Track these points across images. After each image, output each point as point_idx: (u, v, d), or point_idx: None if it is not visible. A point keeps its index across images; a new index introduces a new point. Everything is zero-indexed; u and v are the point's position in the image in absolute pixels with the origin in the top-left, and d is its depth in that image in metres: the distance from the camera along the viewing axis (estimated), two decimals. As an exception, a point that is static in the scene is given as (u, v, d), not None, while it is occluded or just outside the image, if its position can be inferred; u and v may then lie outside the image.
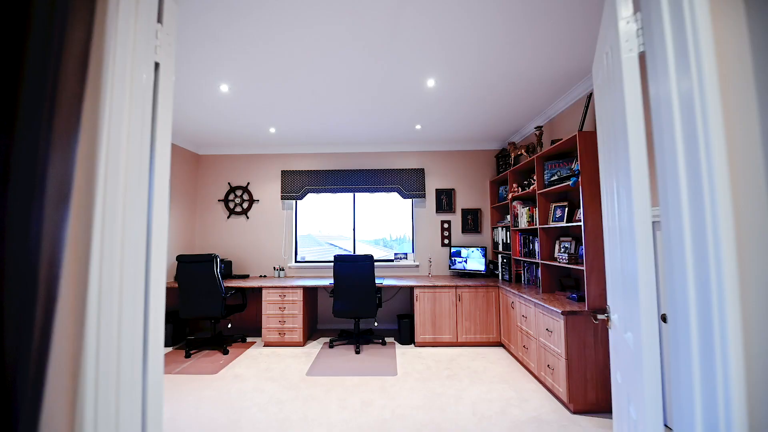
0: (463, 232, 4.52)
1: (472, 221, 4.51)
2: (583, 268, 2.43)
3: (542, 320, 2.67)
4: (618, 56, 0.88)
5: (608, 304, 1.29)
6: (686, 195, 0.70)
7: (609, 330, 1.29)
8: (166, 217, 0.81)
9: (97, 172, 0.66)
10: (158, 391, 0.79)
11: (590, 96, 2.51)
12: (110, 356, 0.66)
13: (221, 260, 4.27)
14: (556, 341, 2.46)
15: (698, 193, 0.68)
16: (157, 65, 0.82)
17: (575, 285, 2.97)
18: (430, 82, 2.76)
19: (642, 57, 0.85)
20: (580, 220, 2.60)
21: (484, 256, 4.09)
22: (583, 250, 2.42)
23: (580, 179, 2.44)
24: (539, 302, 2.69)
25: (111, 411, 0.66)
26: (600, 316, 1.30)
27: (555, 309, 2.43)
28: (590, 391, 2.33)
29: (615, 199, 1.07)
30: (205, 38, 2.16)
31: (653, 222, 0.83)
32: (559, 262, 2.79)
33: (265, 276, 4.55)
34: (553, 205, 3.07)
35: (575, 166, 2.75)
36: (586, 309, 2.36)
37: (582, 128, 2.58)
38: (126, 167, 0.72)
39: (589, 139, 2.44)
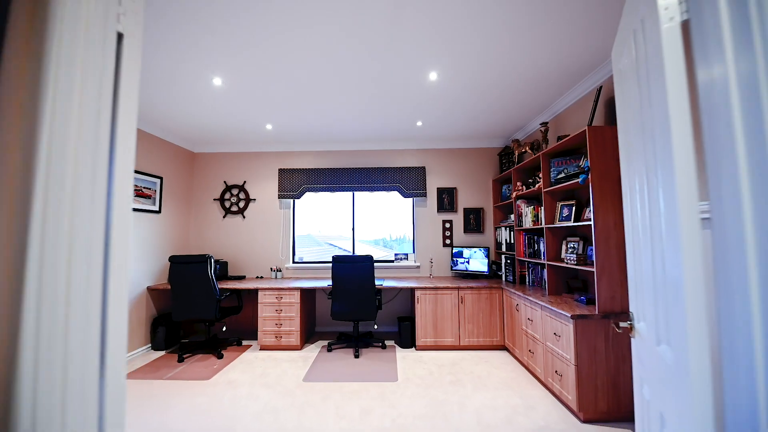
0: (465, 232, 4.40)
1: (474, 221, 4.40)
2: (593, 269, 2.32)
3: (549, 324, 2.56)
4: (655, 28, 0.76)
5: (631, 310, 1.18)
6: (748, 189, 0.58)
7: (632, 339, 1.18)
8: (129, 214, 0.69)
9: (36, 164, 0.54)
10: (119, 406, 0.67)
11: (600, 89, 2.40)
12: (54, 366, 0.55)
13: (217, 261, 4.15)
14: (565, 346, 2.34)
15: (764, 186, 0.56)
16: (120, 36, 0.70)
17: (583, 287, 2.85)
18: (433, 76, 2.64)
19: (685, 27, 0.73)
20: (589, 220, 2.49)
21: (487, 256, 3.98)
22: (593, 251, 2.30)
23: (590, 176, 2.32)
24: (546, 305, 2.58)
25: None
26: (622, 324, 1.18)
27: (564, 312, 2.31)
28: (601, 399, 2.21)
29: (645, 195, 0.95)
30: (199, 30, 2.04)
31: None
32: (567, 263, 2.67)
33: (261, 277, 4.43)
34: (560, 203, 2.96)
35: (584, 162, 2.63)
36: (597, 313, 2.24)
37: (591, 123, 2.47)
38: (76, 158, 0.60)
39: (599, 134, 2.32)
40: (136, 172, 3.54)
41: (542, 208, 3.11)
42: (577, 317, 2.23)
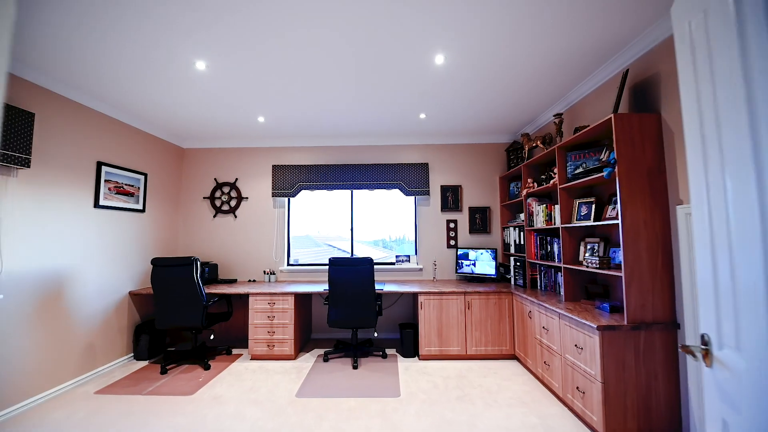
0: (470, 232, 4.15)
1: (480, 220, 4.14)
2: (619, 273, 2.07)
3: (569, 334, 2.31)
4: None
5: (705, 332, 0.93)
6: None
7: (706, 369, 0.93)
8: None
9: None
10: None
11: (626, 73, 2.15)
12: None
13: (206, 263, 3.88)
14: (589, 360, 2.09)
15: None
16: None
17: (603, 293, 2.60)
18: (439, 59, 2.39)
19: None
20: (611, 218, 2.25)
21: (495, 258, 3.72)
22: (620, 253, 2.06)
23: (616, 169, 2.07)
24: (564, 313, 2.33)
25: None
26: (694, 349, 0.93)
27: (587, 323, 2.06)
28: (631, 421, 1.96)
29: (751, 185, 0.70)
30: (182, 9, 1.79)
31: None
32: (587, 266, 2.42)
33: (254, 281, 4.16)
34: (578, 201, 2.71)
35: (606, 156, 2.39)
36: (626, 323, 1.99)
37: (617, 110, 2.22)
38: None
39: (626, 122, 2.07)
40: (117, 167, 3.27)
41: (556, 206, 2.86)
42: (604, 328, 1.98)
